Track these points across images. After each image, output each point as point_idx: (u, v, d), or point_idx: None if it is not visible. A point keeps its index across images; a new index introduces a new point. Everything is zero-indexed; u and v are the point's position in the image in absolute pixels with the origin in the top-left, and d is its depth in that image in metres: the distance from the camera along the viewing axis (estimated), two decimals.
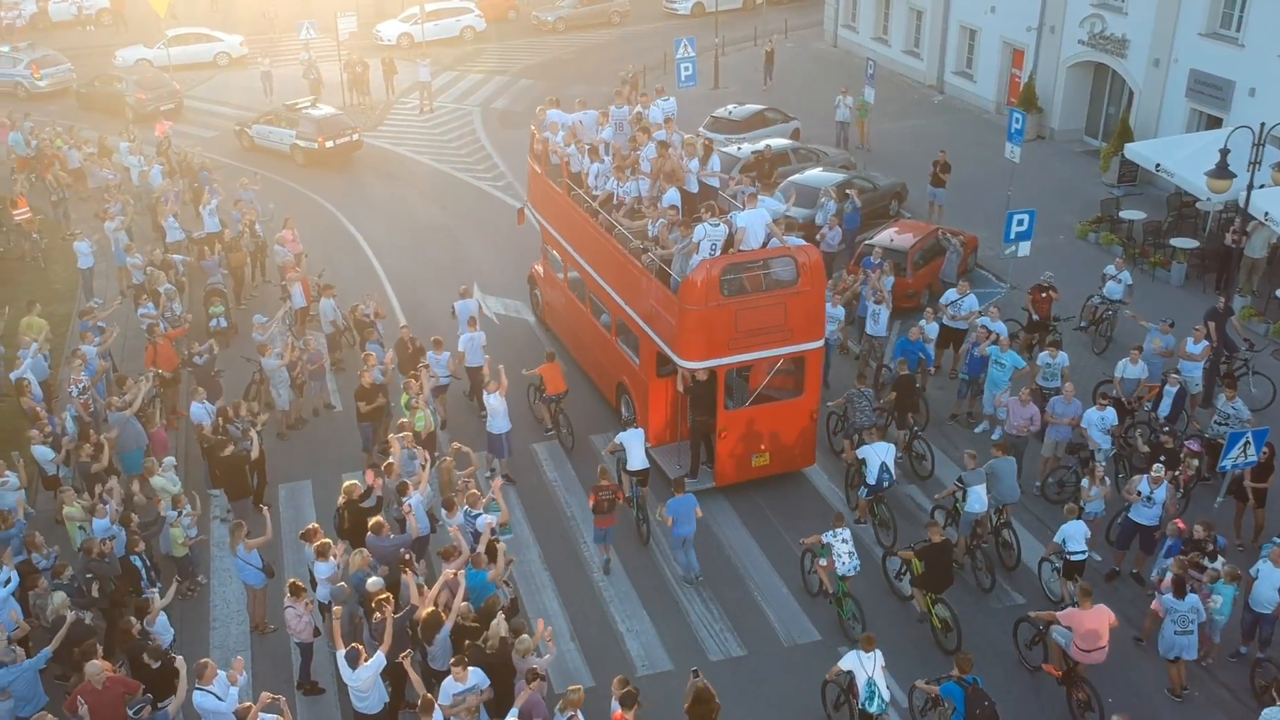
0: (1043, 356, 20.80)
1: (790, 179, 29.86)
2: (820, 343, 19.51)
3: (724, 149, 32.80)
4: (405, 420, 18.93)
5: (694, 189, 21.37)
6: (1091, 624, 14.52)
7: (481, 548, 15.61)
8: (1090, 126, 36.12)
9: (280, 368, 21.04)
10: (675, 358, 18.84)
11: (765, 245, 18.98)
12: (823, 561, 16.49)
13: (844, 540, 16.24)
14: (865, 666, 14.01)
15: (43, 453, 18.32)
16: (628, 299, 20.35)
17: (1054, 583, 17.12)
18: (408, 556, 15.48)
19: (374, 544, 15.84)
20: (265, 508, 16.85)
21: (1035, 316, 23.06)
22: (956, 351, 22.91)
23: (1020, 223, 23.20)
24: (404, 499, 16.56)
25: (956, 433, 21.64)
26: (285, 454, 21.11)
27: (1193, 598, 14.93)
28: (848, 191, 28.30)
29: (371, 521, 16.05)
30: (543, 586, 18.03)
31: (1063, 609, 15.38)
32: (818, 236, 26.80)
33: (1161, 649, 15.36)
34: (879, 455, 18.10)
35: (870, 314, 22.66)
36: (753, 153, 31.74)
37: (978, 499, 17.31)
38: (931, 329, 21.99)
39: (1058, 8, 35.29)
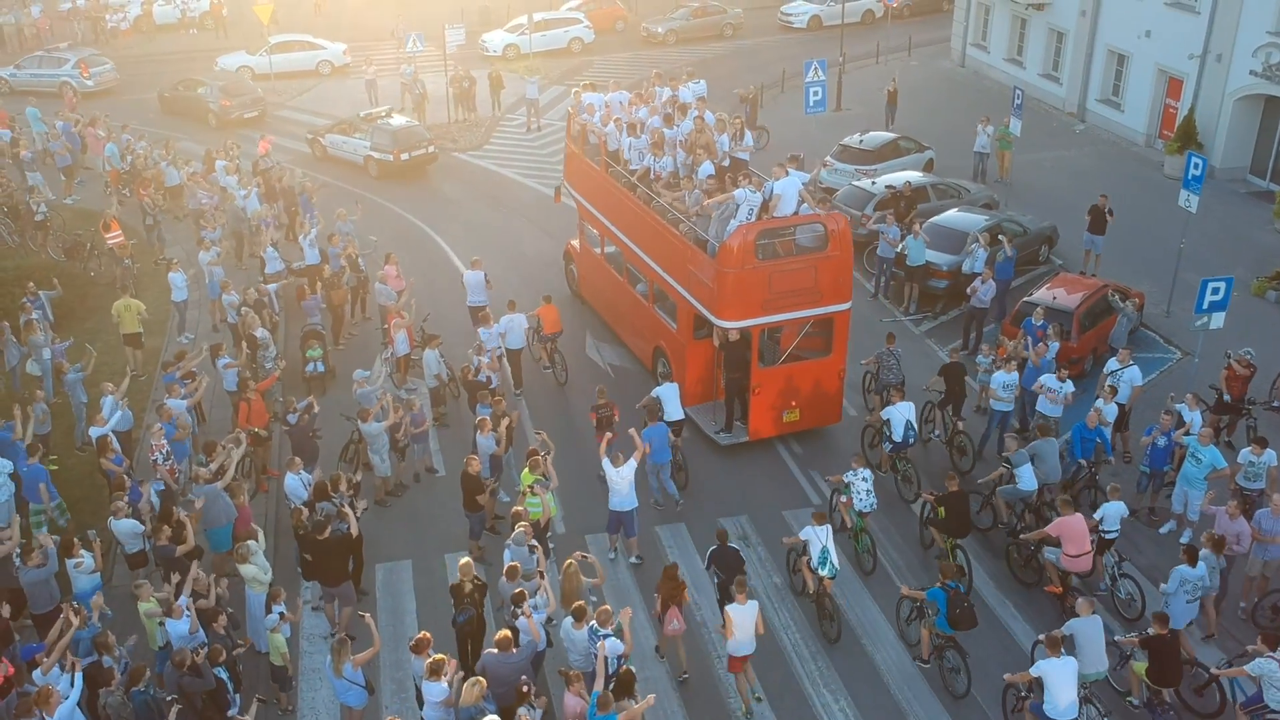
0: (1245, 454, 18.01)
1: (932, 221, 27.33)
2: (847, 305, 20.61)
3: (855, 183, 30.44)
4: (519, 508, 16.81)
5: (726, 163, 22.84)
6: (1077, 527, 16.37)
7: (600, 681, 13.44)
8: (1257, 165, 32.95)
9: (382, 433, 19.10)
10: (713, 318, 20.14)
11: (797, 212, 20.17)
12: (844, 498, 17.77)
13: (864, 479, 17.60)
14: (819, 537, 16.35)
15: (128, 527, 16.56)
16: (666, 266, 21.66)
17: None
18: (525, 689, 13.35)
19: (494, 665, 13.78)
20: (366, 616, 14.81)
21: (1227, 397, 20.30)
22: (1122, 432, 20.31)
23: (1215, 291, 20.42)
24: (521, 606, 14.49)
25: (1138, 531, 18.97)
26: (383, 526, 19.15)
27: (1203, 566, 15.46)
28: (1000, 238, 25.68)
29: (499, 636, 14.01)
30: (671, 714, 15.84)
31: (1101, 585, 17.25)
32: (969, 289, 24.29)
33: (1173, 623, 15.28)
34: (903, 415, 19.27)
35: (1046, 390, 20.10)
36: (888, 187, 29.24)
37: (1029, 478, 17.91)
38: (1110, 411, 19.34)
39: (1226, 35, 32.21)
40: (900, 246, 26.31)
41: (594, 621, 14.26)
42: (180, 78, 42.13)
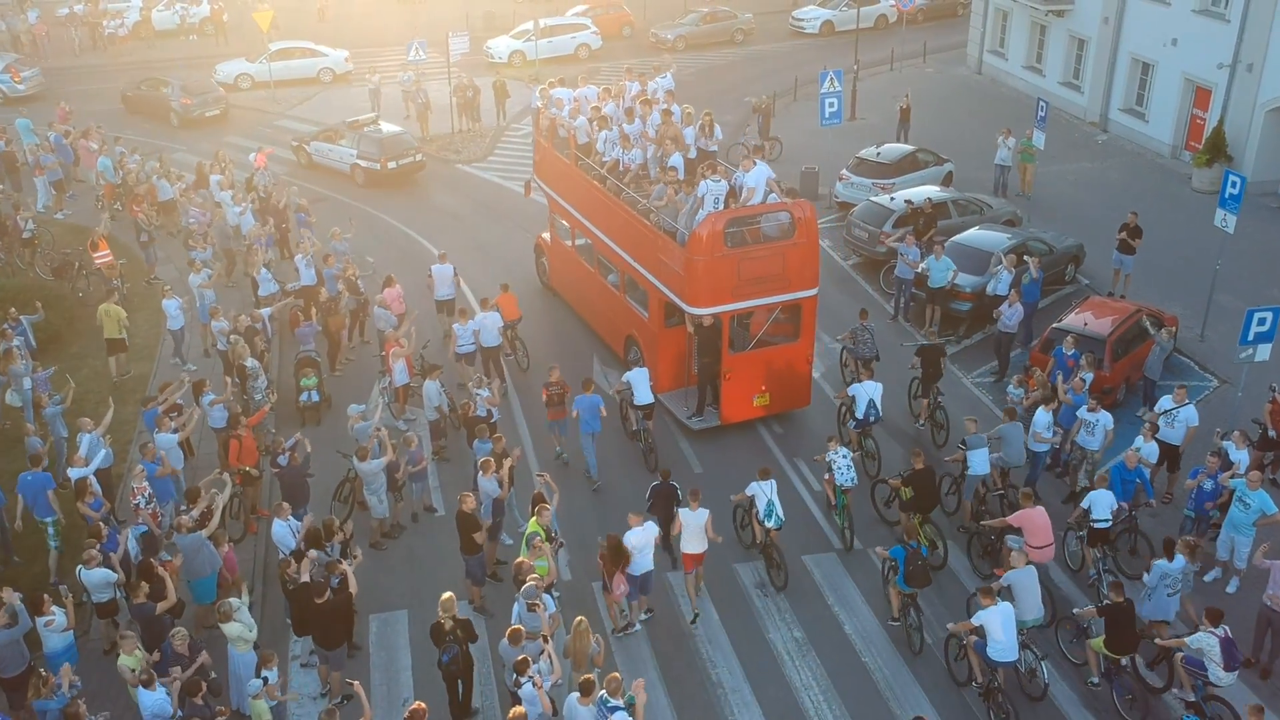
0: None
1: (954, 240, 26.20)
2: (814, 291, 21.14)
3: (873, 198, 29.31)
4: (523, 559, 15.71)
5: (693, 155, 23.40)
6: (1039, 520, 16.51)
7: None
8: None
9: (379, 472, 18.01)
10: (684, 305, 20.62)
11: (764, 201, 21.03)
12: (826, 475, 18.35)
13: (843, 456, 18.17)
14: (765, 491, 17.26)
15: (100, 577, 15.51)
16: (637, 256, 22.09)
17: (1076, 550, 17.97)
18: None
19: None
20: (355, 684, 13.70)
21: (1272, 433, 19.15)
22: (1172, 473, 19.17)
23: (1262, 322, 19.29)
24: (525, 676, 13.41)
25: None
26: (378, 572, 18.05)
27: (1181, 560, 15.50)
28: (1026, 258, 24.55)
29: (513, 713, 12.92)
30: None
31: (1091, 572, 17.43)
32: (995, 314, 23.18)
33: (1146, 612, 15.72)
34: (867, 393, 19.95)
35: (1085, 425, 19.01)
36: (907, 202, 28.11)
37: (980, 462, 18.25)
38: (1150, 450, 18.18)
39: (1257, 43, 31.04)
40: (921, 267, 25.18)
41: (604, 691, 13.16)
42: (144, 77, 42.05)
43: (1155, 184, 33.31)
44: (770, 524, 17.25)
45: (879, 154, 32.09)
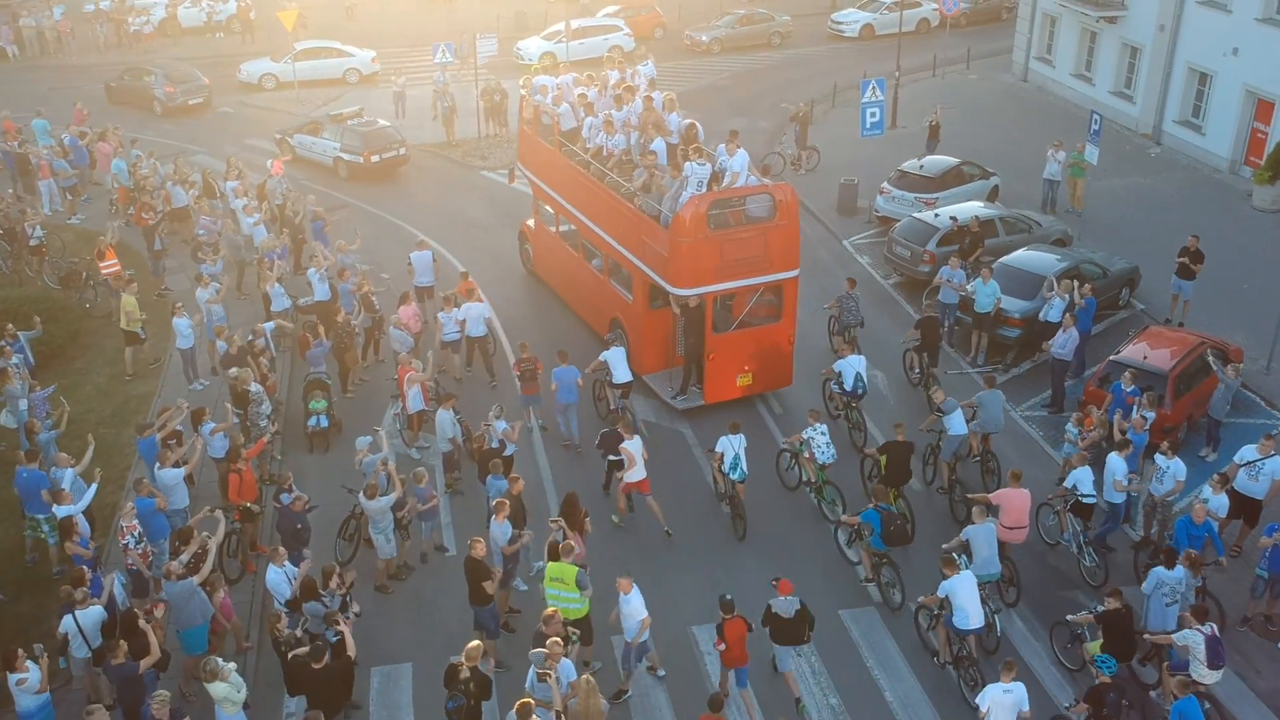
0: None
1: (1002, 261, 24.75)
2: (795, 272, 21.55)
3: (916, 214, 27.90)
4: (551, 610, 14.42)
5: (675, 140, 23.50)
6: (1018, 502, 16.76)
7: None
8: None
9: (387, 511, 16.82)
10: (668, 287, 20.98)
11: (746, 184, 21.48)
12: (805, 454, 18.77)
13: (821, 433, 18.58)
14: (733, 445, 18.09)
15: (96, 616, 14.42)
16: (621, 240, 22.36)
17: (1054, 526, 18.18)
18: None
19: None
20: None
21: None
22: (1247, 527, 17.71)
23: None
24: None
25: (1249, 642, 16.37)
26: (381, 619, 16.87)
27: (1181, 570, 15.19)
28: (1076, 282, 23.08)
29: None
30: None
31: (1065, 536, 17.77)
32: (1046, 344, 21.78)
33: (1147, 622, 15.42)
34: (853, 367, 20.49)
35: (1158, 472, 17.58)
36: (952, 219, 26.68)
37: (958, 423, 18.85)
38: (1220, 504, 16.73)
39: None
40: (968, 289, 23.76)
41: None
42: (127, 66, 42.51)
43: (1212, 201, 31.71)
44: (735, 476, 18.18)
45: (922, 167, 30.62)
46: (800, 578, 17.67)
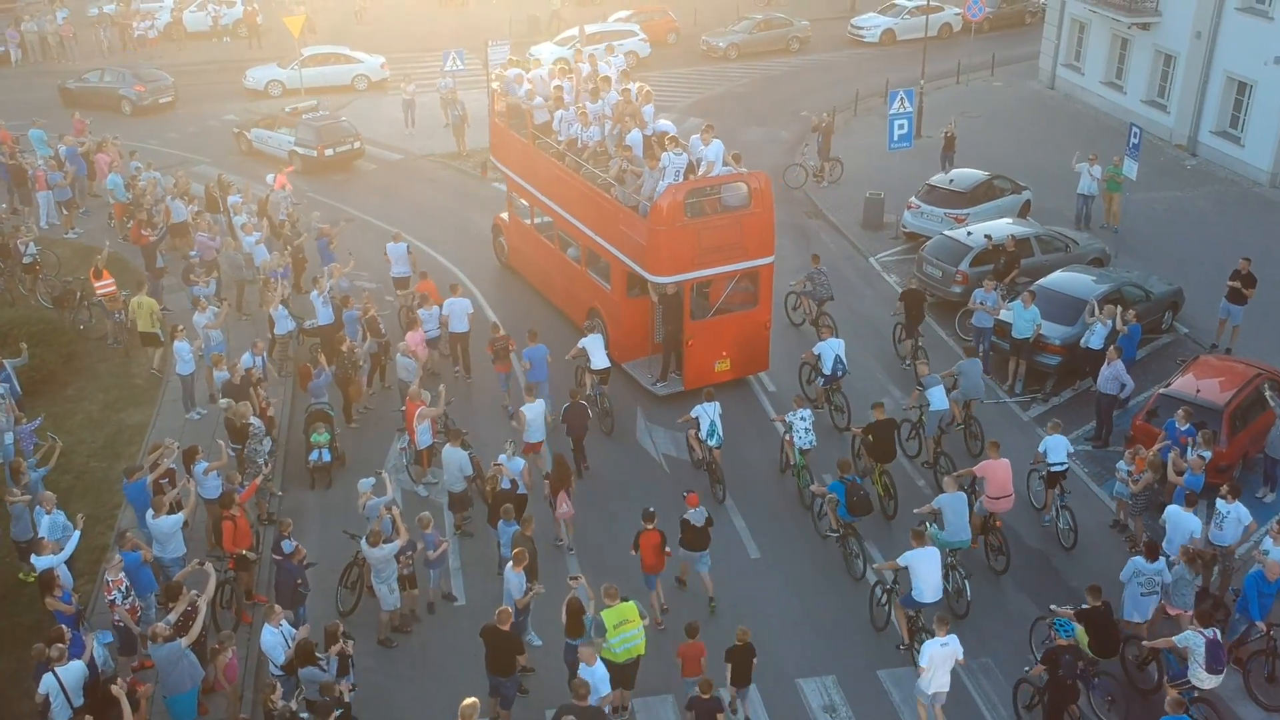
0: None
1: (1040, 284, 23.52)
2: (770, 259, 21.93)
3: (947, 231, 26.69)
4: (580, 680, 13.23)
5: (650, 131, 23.69)
6: (1001, 473, 17.14)
7: None
8: None
9: (392, 559, 15.67)
10: (647, 275, 21.31)
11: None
12: (786, 436, 19.36)
13: (803, 418, 18.91)
14: (708, 413, 18.86)
15: (78, 673, 13.28)
16: (598, 230, 22.62)
17: (1040, 490, 18.88)
18: None
19: None
20: None
21: None
22: None
23: None
24: None
25: None
26: (383, 679, 15.66)
27: (1162, 563, 15.23)
28: (1119, 307, 21.86)
29: None
30: None
31: (1045, 518, 18.74)
32: (1096, 380, 20.58)
33: (1126, 613, 15.52)
34: (833, 349, 20.86)
35: (1218, 517, 16.30)
36: (987, 237, 25.46)
37: (939, 398, 19.43)
38: None
39: None
40: (1003, 313, 22.55)
41: None
42: (88, 68, 42.17)
43: (1253, 216, 30.46)
44: (712, 443, 18.93)
45: (952, 181, 29.39)
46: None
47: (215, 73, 43.65)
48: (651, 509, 16.09)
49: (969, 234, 25.96)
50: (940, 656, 13.88)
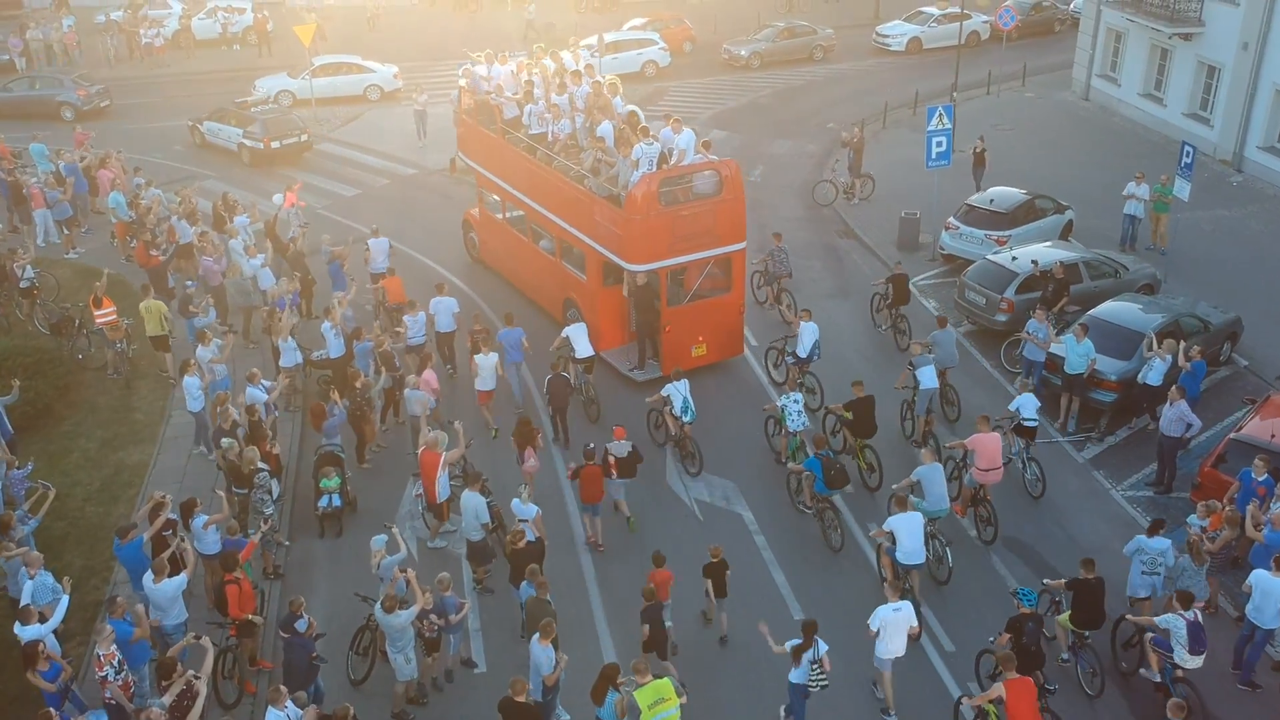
0: None
1: (1091, 314, 22.16)
2: (742, 245, 22.48)
3: (990, 256, 25.33)
4: None
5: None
6: (990, 446, 17.82)
7: None
8: None
9: (408, 626, 14.39)
10: (623, 263, 21.74)
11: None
12: (782, 427, 19.66)
13: (795, 401, 19.31)
14: (679, 390, 19.52)
15: None
16: (573, 221, 22.98)
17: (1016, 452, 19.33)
18: None
19: None
20: None
21: None
22: None
23: None
24: None
25: None
26: None
27: (1166, 542, 15.54)
28: (1182, 341, 20.51)
29: None
30: None
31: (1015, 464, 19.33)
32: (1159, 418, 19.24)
33: (1130, 588, 15.82)
34: (811, 334, 21.34)
35: None
36: (1033, 262, 24.11)
37: (929, 377, 20.20)
38: None
39: None
40: (1054, 346, 21.22)
41: None
42: (15, 75, 41.70)
43: None
44: (686, 419, 19.54)
45: (992, 201, 28.00)
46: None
47: (226, 81, 42.49)
48: (591, 445, 17.64)
49: (1014, 259, 24.58)
50: (892, 622, 14.31)
